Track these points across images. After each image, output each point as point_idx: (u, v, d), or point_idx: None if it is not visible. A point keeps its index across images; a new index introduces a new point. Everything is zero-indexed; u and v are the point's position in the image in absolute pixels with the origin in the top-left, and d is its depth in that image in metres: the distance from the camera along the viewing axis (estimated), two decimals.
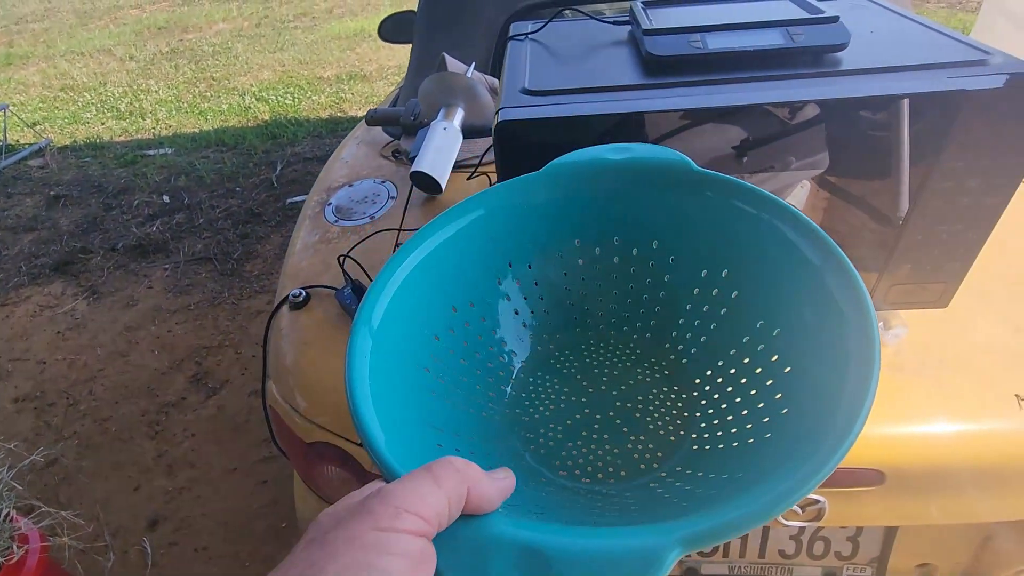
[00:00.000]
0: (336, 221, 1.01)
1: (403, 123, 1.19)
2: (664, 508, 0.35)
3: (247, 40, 5.07)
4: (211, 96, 3.96)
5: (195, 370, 1.79)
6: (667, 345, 0.44)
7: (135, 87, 4.26)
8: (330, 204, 1.06)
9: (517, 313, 0.46)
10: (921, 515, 0.65)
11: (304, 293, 0.86)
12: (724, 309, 0.41)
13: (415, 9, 1.53)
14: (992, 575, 0.72)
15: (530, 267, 0.45)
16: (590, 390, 0.44)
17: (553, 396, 0.43)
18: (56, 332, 1.99)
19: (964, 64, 0.53)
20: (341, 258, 0.86)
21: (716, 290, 0.42)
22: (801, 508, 0.63)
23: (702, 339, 0.42)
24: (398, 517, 0.23)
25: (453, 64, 1.15)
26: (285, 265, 0.97)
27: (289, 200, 2.61)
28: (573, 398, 0.43)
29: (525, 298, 0.46)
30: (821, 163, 0.62)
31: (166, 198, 2.73)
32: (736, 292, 0.41)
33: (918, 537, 0.70)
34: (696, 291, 0.43)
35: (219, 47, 4.95)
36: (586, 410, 0.43)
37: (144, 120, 3.70)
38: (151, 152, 3.22)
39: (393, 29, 1.63)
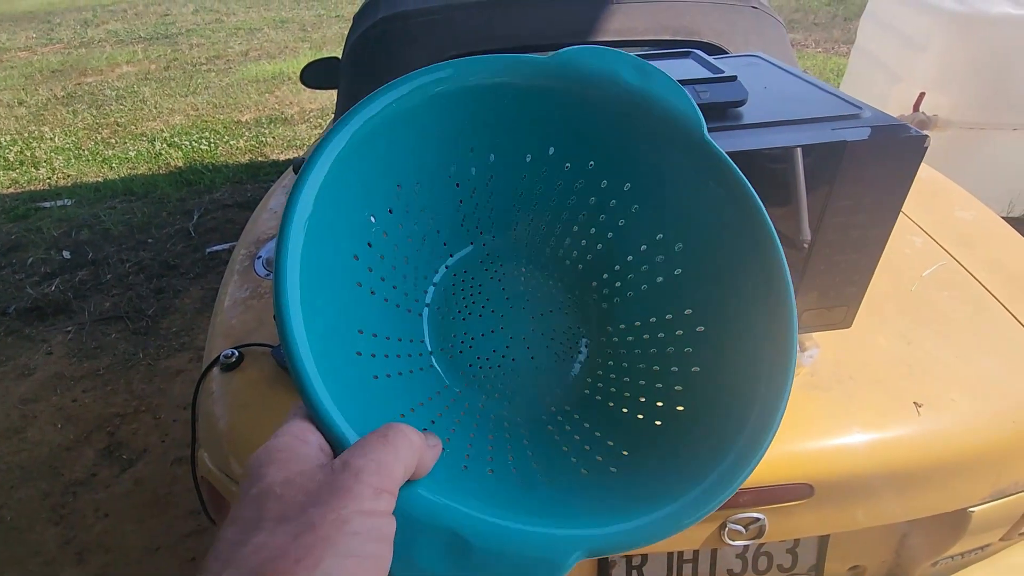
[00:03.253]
0: (267, 275, 0.98)
1: None
2: (569, 480, 0.34)
3: (155, 83, 4.85)
4: (116, 143, 3.73)
5: (107, 442, 1.63)
6: (561, 253, 0.44)
7: (26, 134, 3.93)
8: (260, 257, 1.02)
9: (461, 203, 0.41)
10: (848, 521, 0.70)
11: (236, 353, 0.82)
12: (623, 221, 0.41)
13: (337, 55, 1.54)
14: (911, 569, 0.79)
15: (493, 159, 0.40)
16: (509, 304, 0.43)
17: (475, 303, 0.42)
18: None
19: (842, 117, 0.61)
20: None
21: (614, 201, 0.41)
22: (744, 527, 0.67)
23: (598, 246, 0.42)
24: (379, 499, 0.23)
25: None
26: (212, 324, 0.92)
27: (209, 249, 2.48)
28: (492, 310, 0.42)
29: (474, 191, 0.41)
30: None
31: (66, 253, 2.51)
32: (637, 207, 0.40)
33: (848, 542, 0.76)
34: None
35: (124, 91, 4.69)
36: (501, 326, 0.42)
37: (37, 170, 3.41)
38: (47, 204, 2.97)
39: (316, 75, 1.62)
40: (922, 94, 2.14)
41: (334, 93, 1.54)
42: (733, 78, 0.65)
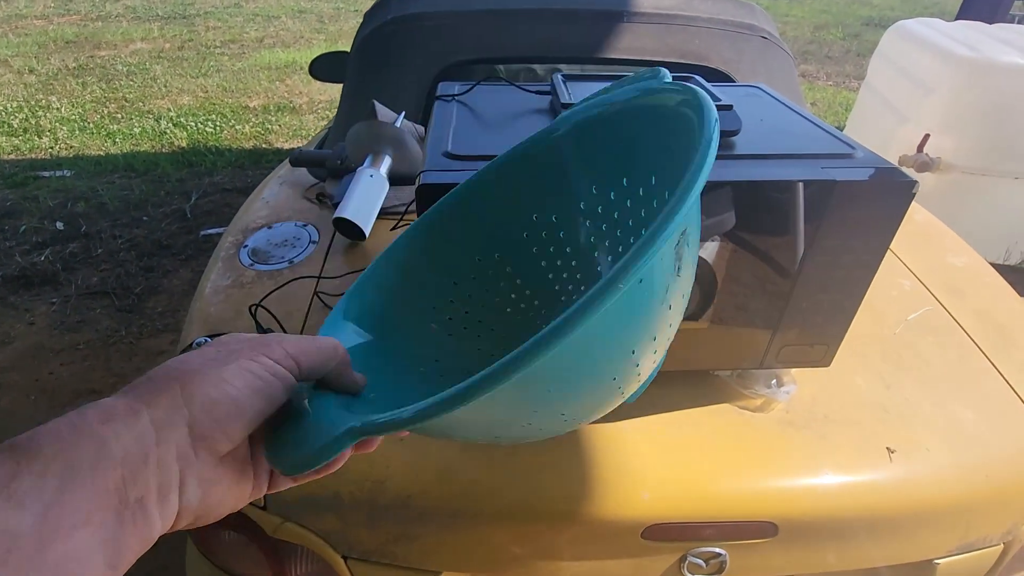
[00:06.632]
0: (251, 265, 0.96)
1: (329, 166, 1.18)
2: None
3: (167, 62, 4.85)
4: (122, 118, 3.72)
5: None
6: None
7: (32, 102, 3.92)
8: (246, 246, 1.01)
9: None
10: (812, 564, 0.69)
11: (209, 341, 0.81)
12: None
13: (347, 50, 1.54)
14: None
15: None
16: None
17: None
18: None
19: (834, 156, 0.60)
20: (252, 307, 0.82)
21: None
22: (704, 562, 0.66)
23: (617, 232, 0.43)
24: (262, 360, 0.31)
25: (383, 112, 1.16)
26: (191, 310, 0.91)
27: (203, 232, 2.47)
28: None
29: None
30: (728, 222, 0.67)
31: (60, 224, 2.50)
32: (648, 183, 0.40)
33: None
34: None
35: (135, 67, 4.69)
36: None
37: (40, 139, 3.40)
38: (46, 174, 2.96)
39: (324, 68, 1.62)
40: (927, 136, 2.15)
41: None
42: (729, 107, 0.64)
